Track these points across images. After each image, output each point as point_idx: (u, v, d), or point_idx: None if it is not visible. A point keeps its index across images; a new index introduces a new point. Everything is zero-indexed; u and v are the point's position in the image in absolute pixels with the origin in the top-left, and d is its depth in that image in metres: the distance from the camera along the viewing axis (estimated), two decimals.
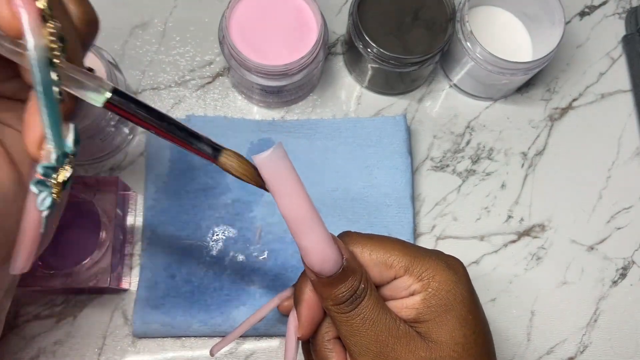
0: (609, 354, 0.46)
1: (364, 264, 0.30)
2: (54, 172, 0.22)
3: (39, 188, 0.22)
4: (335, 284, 0.28)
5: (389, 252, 0.30)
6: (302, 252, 0.28)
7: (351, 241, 0.30)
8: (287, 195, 0.26)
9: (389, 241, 0.31)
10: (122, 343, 0.44)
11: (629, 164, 0.51)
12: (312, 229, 0.27)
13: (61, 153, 0.22)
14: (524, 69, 0.46)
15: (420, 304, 0.29)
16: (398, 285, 0.30)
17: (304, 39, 0.44)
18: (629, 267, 0.48)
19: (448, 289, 0.29)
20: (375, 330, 0.28)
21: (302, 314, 0.31)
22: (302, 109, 0.50)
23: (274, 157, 0.26)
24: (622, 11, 0.55)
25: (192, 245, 0.45)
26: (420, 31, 0.46)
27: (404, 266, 0.30)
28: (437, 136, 0.50)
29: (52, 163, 0.22)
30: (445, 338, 0.29)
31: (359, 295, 0.28)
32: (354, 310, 0.28)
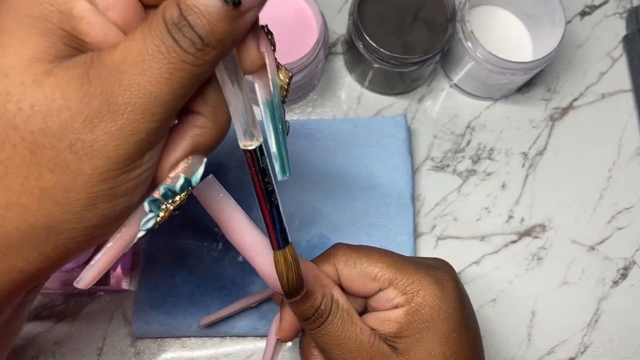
0: (610, 355, 0.46)
1: (349, 276, 0.30)
2: (172, 197, 0.23)
3: (151, 207, 0.22)
4: (295, 302, 0.29)
5: (374, 264, 0.30)
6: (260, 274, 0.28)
7: (337, 254, 0.31)
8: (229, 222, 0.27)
9: (376, 253, 0.31)
10: (122, 343, 0.44)
11: (630, 164, 0.51)
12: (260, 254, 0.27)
13: (187, 181, 0.23)
14: (524, 68, 0.46)
15: (402, 318, 0.29)
16: (382, 297, 0.30)
17: (304, 39, 0.44)
18: (629, 268, 0.48)
19: (432, 305, 0.29)
20: (343, 348, 0.29)
21: (284, 318, 0.31)
22: (302, 108, 0.50)
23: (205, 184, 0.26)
24: (622, 11, 0.55)
25: (192, 245, 0.45)
26: (420, 31, 0.46)
27: (389, 279, 0.30)
28: (437, 136, 0.50)
29: (175, 187, 0.22)
30: (423, 357, 0.28)
31: (320, 315, 0.29)
32: (318, 328, 0.29)
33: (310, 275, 0.29)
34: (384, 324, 0.29)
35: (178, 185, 0.23)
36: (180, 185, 0.23)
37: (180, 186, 0.23)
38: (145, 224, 0.23)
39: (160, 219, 0.23)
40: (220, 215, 0.27)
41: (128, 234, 0.23)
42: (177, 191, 0.23)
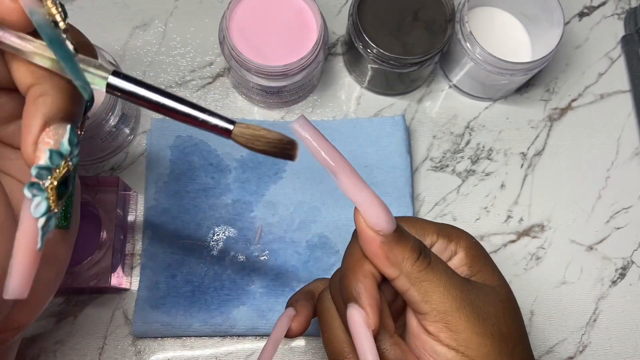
0: (608, 354, 0.47)
1: None
2: (49, 174, 0.21)
3: (32, 192, 0.21)
4: (404, 239, 0.27)
5: (419, 224, 0.31)
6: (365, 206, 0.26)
7: None
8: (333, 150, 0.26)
9: (409, 217, 0.32)
10: (123, 343, 0.44)
11: (628, 164, 0.51)
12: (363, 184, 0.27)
13: (56, 153, 0.21)
14: (523, 69, 0.46)
15: (466, 258, 0.30)
16: (438, 251, 0.30)
17: (304, 40, 0.45)
18: (628, 267, 0.49)
19: (475, 242, 0.31)
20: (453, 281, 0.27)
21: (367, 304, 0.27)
22: (302, 109, 0.50)
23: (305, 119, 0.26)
24: (621, 12, 0.55)
25: (192, 245, 0.45)
26: (419, 32, 0.46)
27: (436, 232, 0.30)
28: (436, 136, 0.51)
29: (46, 163, 0.21)
30: (501, 281, 0.30)
31: (425, 247, 0.28)
32: (430, 264, 0.27)
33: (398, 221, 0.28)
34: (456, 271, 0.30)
35: (46, 159, 0.21)
36: (48, 158, 0.21)
37: (49, 159, 0.21)
38: (36, 209, 0.21)
39: (52, 200, 0.21)
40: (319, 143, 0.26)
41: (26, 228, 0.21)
42: (51, 165, 0.21)
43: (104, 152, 0.46)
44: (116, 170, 0.48)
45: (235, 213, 0.46)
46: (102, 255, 0.42)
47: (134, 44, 0.51)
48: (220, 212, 0.46)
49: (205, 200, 0.46)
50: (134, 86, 0.23)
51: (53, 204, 0.21)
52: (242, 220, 0.46)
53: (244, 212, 0.46)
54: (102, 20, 0.51)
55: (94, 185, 0.44)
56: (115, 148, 0.47)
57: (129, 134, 0.48)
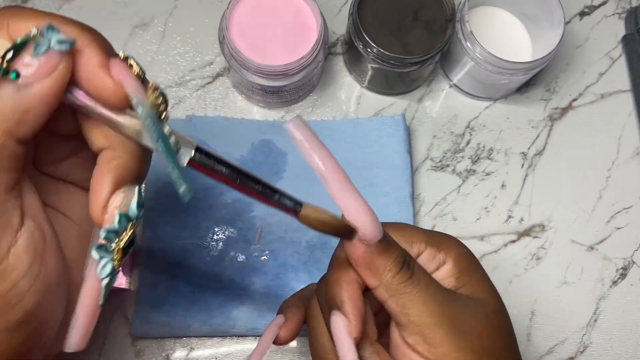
0: (609, 354, 0.47)
1: None
2: (116, 236, 0.23)
3: (100, 253, 0.22)
4: (387, 250, 0.27)
5: (407, 232, 0.30)
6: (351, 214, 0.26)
7: None
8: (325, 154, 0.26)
9: (399, 224, 0.31)
10: (122, 343, 0.44)
11: (629, 164, 0.51)
12: (352, 187, 0.26)
13: (124, 216, 0.23)
14: (523, 69, 0.46)
15: (454, 269, 0.30)
16: (424, 261, 0.30)
17: (304, 39, 0.44)
18: (629, 267, 0.49)
19: (466, 252, 0.30)
20: (436, 294, 0.27)
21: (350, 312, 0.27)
22: (302, 109, 0.50)
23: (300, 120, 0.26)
24: (621, 11, 0.55)
25: (192, 245, 0.45)
26: (420, 31, 0.46)
27: (424, 240, 0.30)
28: (437, 136, 0.51)
29: (114, 226, 0.22)
30: (490, 293, 0.30)
31: (410, 260, 0.28)
32: (412, 276, 0.27)
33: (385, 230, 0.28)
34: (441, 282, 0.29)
35: (116, 222, 0.23)
36: (117, 222, 0.23)
37: (118, 223, 0.23)
38: (102, 270, 0.22)
39: (117, 260, 0.23)
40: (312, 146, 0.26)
41: (91, 287, 0.23)
42: (118, 229, 0.23)
43: None
44: None
45: (235, 213, 0.46)
46: None
47: (133, 43, 0.50)
48: (220, 212, 0.46)
49: (205, 200, 0.46)
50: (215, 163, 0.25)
51: (117, 264, 0.23)
52: (242, 221, 0.46)
53: (244, 212, 0.46)
54: (102, 20, 0.51)
55: None
56: None
57: None
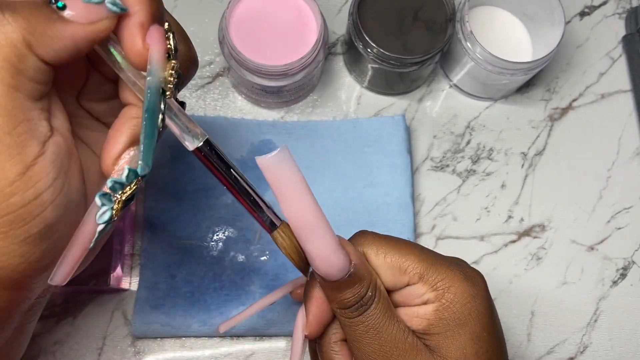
0: (609, 354, 0.47)
1: (377, 266, 0.29)
2: (121, 188, 0.24)
3: (102, 201, 0.23)
4: (340, 288, 0.27)
5: (405, 256, 0.29)
6: (307, 255, 0.27)
7: (366, 242, 0.29)
8: (291, 199, 0.26)
9: (406, 245, 0.29)
10: (122, 343, 0.44)
11: (629, 164, 0.51)
12: (316, 235, 0.26)
13: (133, 172, 0.24)
14: (524, 69, 0.46)
15: (432, 314, 0.28)
16: (411, 292, 0.29)
17: (304, 39, 0.44)
18: (629, 267, 0.48)
19: (463, 303, 0.28)
20: (380, 340, 0.27)
21: (311, 312, 0.30)
22: (302, 109, 0.50)
23: (278, 159, 0.25)
24: (622, 11, 0.55)
25: (192, 245, 0.45)
26: (420, 31, 0.46)
27: (419, 273, 0.28)
28: (437, 136, 0.50)
29: (122, 179, 0.24)
30: (456, 354, 0.27)
31: (364, 303, 0.27)
32: (359, 317, 0.28)
33: (357, 258, 0.28)
34: (412, 320, 0.28)
35: (124, 176, 0.24)
36: (126, 176, 0.24)
37: (126, 177, 0.24)
38: (101, 217, 0.23)
39: (116, 211, 0.24)
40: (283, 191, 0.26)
41: (87, 229, 0.24)
42: (125, 182, 0.24)
43: None
44: None
45: (235, 213, 0.46)
46: (101, 255, 0.42)
47: None
48: (220, 212, 0.46)
49: (205, 200, 0.46)
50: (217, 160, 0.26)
51: (115, 215, 0.24)
52: (242, 221, 0.46)
53: (244, 212, 0.46)
54: None
55: None
56: None
57: None
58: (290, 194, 0.26)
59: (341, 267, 0.27)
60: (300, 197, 0.26)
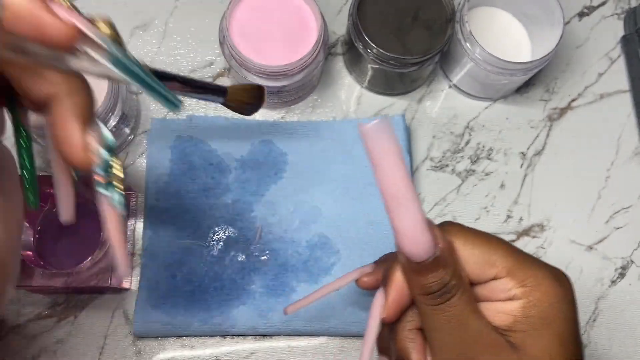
0: (608, 354, 0.47)
1: (464, 258, 0.28)
2: (110, 167, 0.24)
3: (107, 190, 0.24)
4: (424, 272, 0.26)
5: (493, 249, 0.28)
6: (395, 232, 0.26)
7: (453, 231, 0.29)
8: (388, 169, 0.25)
9: (495, 239, 0.29)
10: (123, 342, 0.44)
11: (628, 164, 0.51)
12: (406, 210, 0.26)
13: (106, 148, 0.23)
14: (523, 69, 0.46)
15: (519, 311, 0.27)
16: (496, 287, 0.28)
17: (304, 40, 0.45)
18: (627, 267, 0.49)
19: (551, 302, 0.27)
20: (462, 332, 0.27)
21: (390, 296, 0.29)
22: (302, 109, 0.50)
23: (380, 127, 0.25)
24: (620, 12, 0.55)
25: (192, 245, 0.45)
26: (420, 32, 0.46)
27: (507, 267, 0.27)
28: (436, 136, 0.51)
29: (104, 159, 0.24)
30: (541, 354, 0.26)
31: (448, 290, 0.27)
32: (441, 305, 0.27)
33: (444, 243, 0.27)
34: (495, 315, 0.28)
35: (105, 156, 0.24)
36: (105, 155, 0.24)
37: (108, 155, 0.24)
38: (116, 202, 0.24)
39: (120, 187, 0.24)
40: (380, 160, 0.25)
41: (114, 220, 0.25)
42: (108, 159, 0.24)
43: None
44: None
45: (236, 213, 0.46)
46: (102, 255, 0.42)
47: (134, 43, 0.51)
48: (220, 212, 0.46)
49: (206, 200, 0.46)
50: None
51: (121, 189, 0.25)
52: (242, 220, 0.46)
53: (244, 212, 0.46)
54: None
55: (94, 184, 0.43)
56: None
57: (129, 133, 0.48)
58: (387, 164, 0.25)
59: (427, 248, 0.26)
60: (396, 168, 0.25)
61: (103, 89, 0.42)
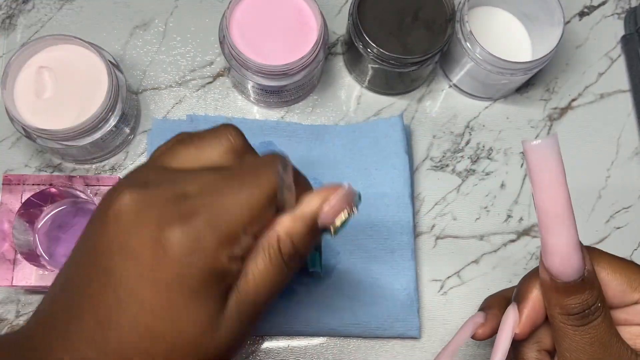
0: None
1: (603, 281, 0.28)
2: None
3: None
4: (569, 292, 0.27)
5: (636, 274, 0.28)
6: (545, 249, 0.26)
7: (594, 256, 0.29)
8: (549, 187, 0.25)
9: (633, 264, 0.29)
10: None
11: (628, 164, 0.51)
12: (564, 228, 0.26)
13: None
14: (523, 69, 0.46)
15: None
16: (638, 311, 0.28)
17: (304, 39, 0.45)
18: None
19: None
20: (602, 354, 0.27)
21: (525, 313, 0.29)
22: (302, 108, 0.50)
23: (546, 146, 0.25)
24: (621, 11, 0.55)
25: None
26: (420, 31, 0.46)
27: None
28: (436, 136, 0.51)
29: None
30: None
31: (592, 312, 0.27)
32: (583, 326, 0.27)
33: (590, 264, 0.27)
34: (637, 339, 0.28)
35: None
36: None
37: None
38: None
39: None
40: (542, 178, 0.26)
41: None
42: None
43: (104, 151, 0.47)
44: (116, 169, 0.48)
45: None
46: None
47: (134, 43, 0.51)
48: None
49: None
50: None
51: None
52: None
53: None
54: (103, 20, 0.51)
55: (94, 185, 0.44)
56: (115, 147, 0.47)
57: (129, 133, 0.48)
58: (550, 182, 0.25)
59: (577, 268, 0.26)
60: (558, 187, 0.25)
61: (103, 89, 0.42)
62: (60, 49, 0.43)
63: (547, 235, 0.26)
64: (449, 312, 0.47)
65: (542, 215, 0.26)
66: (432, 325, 0.46)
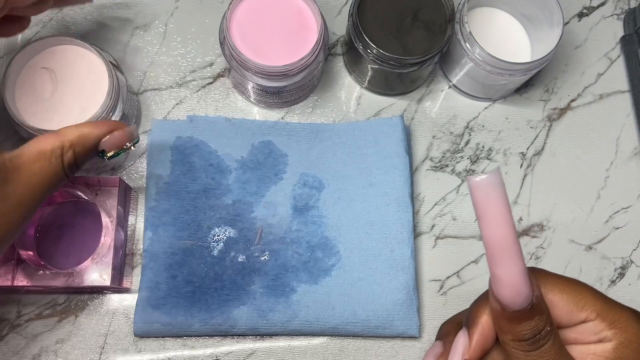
0: None
1: (551, 303, 0.29)
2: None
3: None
4: (519, 320, 0.27)
5: (581, 293, 0.29)
6: (494, 280, 0.27)
7: (540, 277, 0.29)
8: (494, 221, 0.26)
9: (580, 283, 0.30)
10: (124, 342, 0.44)
11: (628, 164, 0.51)
12: (511, 260, 0.26)
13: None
14: (522, 69, 0.46)
15: (611, 352, 0.28)
16: (586, 330, 0.29)
17: (304, 40, 0.45)
18: (627, 267, 0.49)
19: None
20: None
21: (475, 338, 0.30)
22: (302, 109, 0.50)
23: (489, 181, 0.26)
24: (620, 12, 0.55)
25: (193, 245, 0.45)
26: (419, 32, 0.46)
27: (597, 310, 0.29)
28: (436, 136, 0.51)
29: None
30: None
31: (542, 337, 0.27)
32: (534, 351, 0.27)
33: (538, 290, 0.27)
34: (586, 357, 0.28)
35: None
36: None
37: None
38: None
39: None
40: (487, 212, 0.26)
41: None
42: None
43: None
44: (117, 170, 0.48)
45: (236, 214, 0.46)
46: (102, 255, 0.42)
47: (134, 44, 0.51)
48: (220, 212, 0.46)
49: (206, 200, 0.46)
50: None
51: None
52: (243, 221, 0.46)
53: (245, 212, 0.46)
54: (103, 21, 0.51)
55: (95, 185, 0.44)
56: None
57: None
58: (495, 217, 0.26)
59: (526, 297, 0.26)
60: (504, 221, 0.26)
61: (104, 89, 0.42)
62: (61, 50, 0.43)
63: (495, 267, 0.26)
64: (448, 312, 0.47)
65: (490, 248, 0.26)
66: (432, 325, 0.46)
